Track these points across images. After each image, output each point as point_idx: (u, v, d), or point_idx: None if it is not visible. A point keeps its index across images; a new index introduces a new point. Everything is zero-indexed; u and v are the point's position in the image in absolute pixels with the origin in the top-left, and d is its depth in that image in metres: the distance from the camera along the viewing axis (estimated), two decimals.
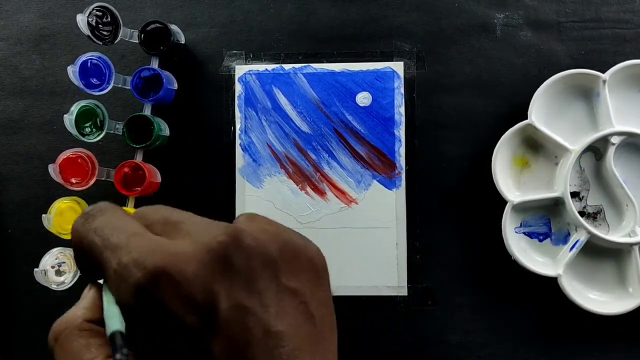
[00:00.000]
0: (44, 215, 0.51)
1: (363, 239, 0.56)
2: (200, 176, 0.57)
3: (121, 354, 0.19)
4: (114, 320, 0.21)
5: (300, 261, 0.22)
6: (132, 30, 0.53)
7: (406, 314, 0.55)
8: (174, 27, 0.55)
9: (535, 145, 0.55)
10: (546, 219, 0.55)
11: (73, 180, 0.51)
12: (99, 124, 0.52)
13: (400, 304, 0.55)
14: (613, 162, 0.53)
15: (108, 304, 0.22)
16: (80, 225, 0.23)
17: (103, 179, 0.53)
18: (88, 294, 0.24)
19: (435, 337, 0.55)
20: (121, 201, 0.54)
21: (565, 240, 0.54)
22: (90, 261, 0.22)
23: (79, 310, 0.24)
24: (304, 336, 0.21)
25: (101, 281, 0.24)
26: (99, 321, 0.23)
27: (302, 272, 0.22)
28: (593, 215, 0.55)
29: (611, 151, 0.53)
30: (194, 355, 0.20)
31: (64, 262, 0.52)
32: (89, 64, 0.51)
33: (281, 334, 0.20)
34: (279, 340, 0.20)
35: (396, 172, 0.56)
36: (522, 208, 0.54)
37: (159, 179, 0.56)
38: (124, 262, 0.20)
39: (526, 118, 0.53)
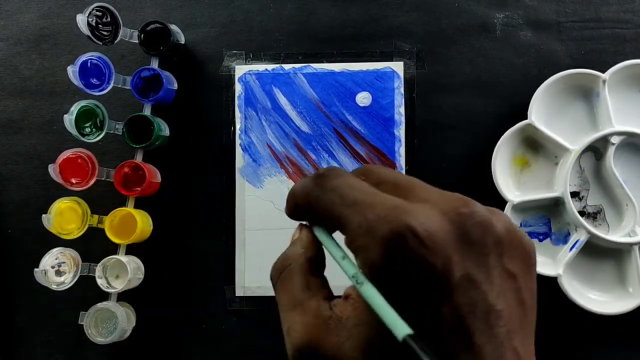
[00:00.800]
0: (44, 215, 0.51)
1: None
2: (200, 176, 0.57)
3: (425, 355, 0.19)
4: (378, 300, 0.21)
5: (519, 248, 0.23)
6: (132, 30, 0.53)
7: None
8: (173, 27, 0.55)
9: (535, 145, 0.55)
10: (546, 219, 0.55)
11: (73, 180, 0.51)
12: (99, 124, 0.52)
13: None
14: (613, 162, 0.53)
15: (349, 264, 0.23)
16: (313, 185, 0.24)
17: (103, 179, 0.53)
18: (301, 234, 0.26)
19: None
20: (121, 201, 0.54)
21: (565, 240, 0.54)
22: (323, 218, 0.24)
23: (299, 249, 0.25)
24: (517, 320, 0.22)
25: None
26: (315, 259, 0.25)
27: (519, 258, 0.22)
28: (593, 215, 0.55)
29: (611, 151, 0.53)
30: (424, 312, 0.20)
31: (64, 262, 0.52)
32: (89, 64, 0.51)
33: (501, 313, 0.21)
34: (498, 319, 0.21)
35: None
36: (522, 208, 0.54)
37: (159, 179, 0.56)
38: (369, 217, 0.21)
39: (526, 118, 0.53)
